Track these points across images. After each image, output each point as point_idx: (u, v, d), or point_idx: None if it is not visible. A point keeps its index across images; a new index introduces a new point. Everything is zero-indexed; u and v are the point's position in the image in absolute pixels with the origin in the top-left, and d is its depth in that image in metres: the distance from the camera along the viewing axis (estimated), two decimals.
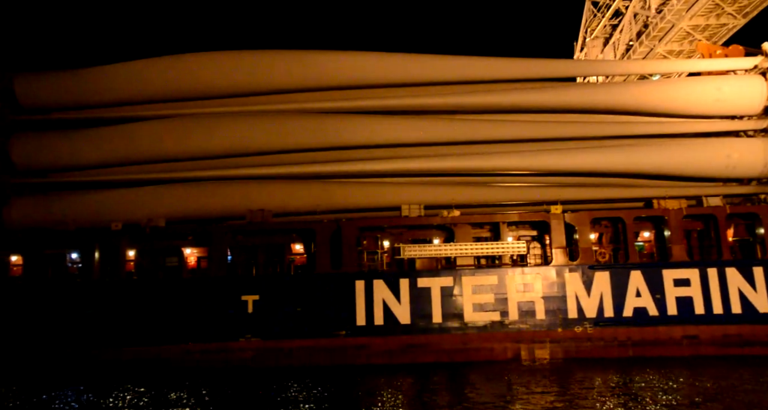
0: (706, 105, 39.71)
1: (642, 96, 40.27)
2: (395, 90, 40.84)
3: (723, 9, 48.98)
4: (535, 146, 40.20)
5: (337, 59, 40.14)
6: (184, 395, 29.05)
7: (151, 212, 37.76)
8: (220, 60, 40.26)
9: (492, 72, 41.01)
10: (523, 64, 41.39)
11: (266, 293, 35.31)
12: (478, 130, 39.53)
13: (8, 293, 35.92)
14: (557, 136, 40.40)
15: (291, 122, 38.88)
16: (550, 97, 40.57)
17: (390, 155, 38.72)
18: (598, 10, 66.50)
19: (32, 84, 41.37)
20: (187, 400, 28.21)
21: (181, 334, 34.94)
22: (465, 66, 40.79)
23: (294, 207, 38.08)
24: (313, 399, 27.57)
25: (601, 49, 66.91)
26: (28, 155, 40.72)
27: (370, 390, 29.70)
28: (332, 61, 39.96)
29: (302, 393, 28.73)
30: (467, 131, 39.59)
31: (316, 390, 29.18)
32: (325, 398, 27.88)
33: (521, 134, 40.19)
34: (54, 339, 34.68)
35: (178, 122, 39.69)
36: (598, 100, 40.64)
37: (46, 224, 38.63)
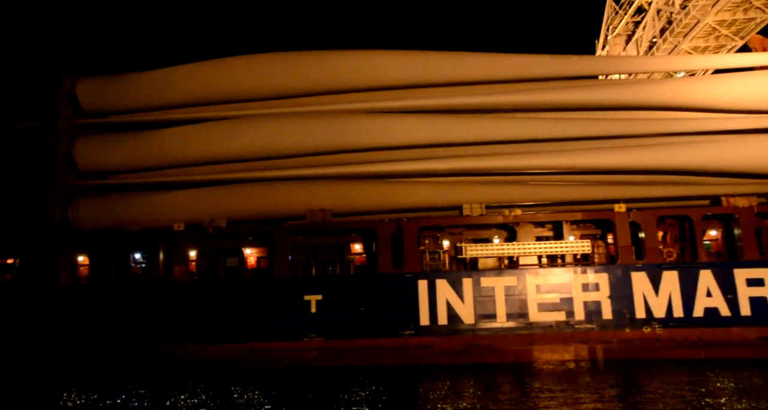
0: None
1: (697, 92, 39.36)
2: (444, 89, 40.70)
3: (751, 3, 47.06)
4: (591, 144, 39.61)
5: (387, 58, 40.12)
6: (248, 395, 29.13)
7: (211, 213, 38.15)
8: (282, 60, 40.50)
9: (531, 70, 40.60)
10: (568, 61, 40.99)
11: (329, 293, 35.37)
12: (535, 128, 39.03)
13: (76, 292, 36.59)
14: (614, 133, 39.64)
15: (349, 122, 38.86)
16: (607, 94, 39.95)
17: (450, 154, 38.47)
18: (620, 7, 64.65)
19: (94, 88, 42.25)
20: (251, 400, 28.26)
21: (244, 333, 35.17)
22: (501, 64, 40.41)
23: (354, 207, 38.12)
24: (378, 399, 27.27)
25: (624, 46, 65.29)
26: (91, 157, 41.57)
27: (436, 391, 29.16)
28: (384, 61, 39.98)
29: (366, 393, 28.48)
30: (524, 130, 39.12)
31: (381, 390, 28.97)
32: (391, 399, 27.63)
33: (578, 132, 39.56)
34: (116, 337, 35.23)
35: (237, 123, 40.00)
36: (652, 96, 39.78)
37: (108, 225, 39.41)
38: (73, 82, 42.21)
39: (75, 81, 42.23)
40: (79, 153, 41.35)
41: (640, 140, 38.68)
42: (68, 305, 35.90)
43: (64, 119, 41.85)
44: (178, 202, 39.28)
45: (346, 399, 27.46)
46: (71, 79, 42.28)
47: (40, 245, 38.15)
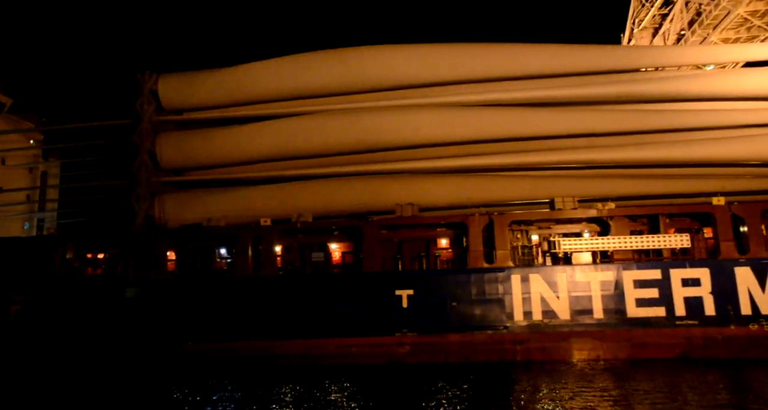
0: None
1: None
2: (534, 82, 40.03)
3: None
4: (685, 136, 38.56)
5: (478, 52, 39.61)
6: (345, 392, 28.96)
7: (296, 208, 38.22)
8: (363, 55, 40.30)
9: (587, 62, 39.86)
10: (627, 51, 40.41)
11: (421, 288, 35.08)
12: (625, 120, 38.11)
13: (167, 287, 36.94)
14: (706, 125, 38.53)
15: (436, 115, 38.49)
16: (688, 86, 38.90)
17: (542, 147, 37.78)
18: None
19: (174, 85, 42.66)
20: (350, 398, 27.94)
21: (332, 329, 35.10)
22: (561, 54, 39.75)
23: (442, 201, 37.75)
24: (473, 398, 26.47)
25: (650, 40, 63.01)
26: (173, 154, 42.04)
27: (534, 390, 28.11)
28: (474, 55, 39.47)
29: (458, 390, 27.86)
30: (613, 122, 38.26)
31: (478, 387, 28.41)
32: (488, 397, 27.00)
33: (669, 124, 38.61)
34: (207, 331, 35.45)
35: (321, 118, 39.95)
36: (729, 87, 38.57)
37: (191, 221, 39.77)
38: (155, 79, 42.74)
39: (156, 78, 42.77)
40: (161, 150, 41.86)
41: (736, 131, 37.45)
42: (159, 300, 36.29)
43: (147, 116, 42.41)
44: (263, 197, 39.49)
45: (445, 396, 27.05)
46: (153, 76, 42.80)
47: (131, 241, 38.70)
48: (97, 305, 36.40)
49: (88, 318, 36.02)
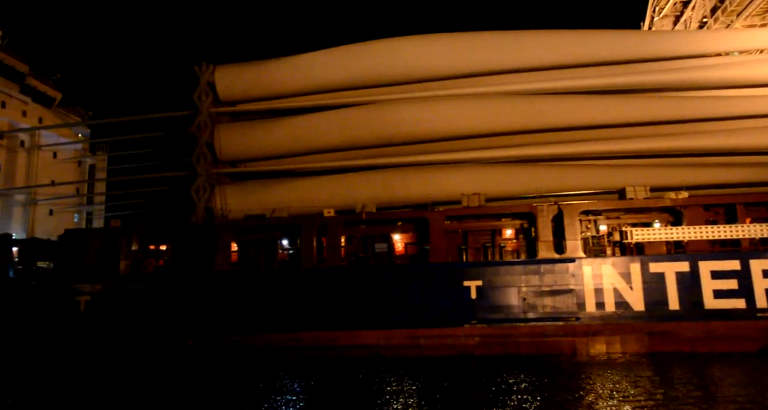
0: None
1: None
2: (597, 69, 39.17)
3: None
4: (756, 123, 37.33)
5: (539, 39, 38.82)
6: (418, 384, 28.66)
7: (359, 199, 37.95)
8: (418, 44, 39.76)
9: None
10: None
11: (489, 279, 34.60)
12: (699, 107, 37.00)
13: (233, 279, 36.98)
14: None
15: (500, 104, 37.87)
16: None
17: (611, 135, 36.91)
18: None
19: (231, 75, 42.60)
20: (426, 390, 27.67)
21: (400, 320, 34.78)
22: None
23: (509, 191, 37.15)
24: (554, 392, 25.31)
25: (671, 28, 61.28)
26: (230, 145, 42.02)
27: (614, 385, 26.64)
28: (536, 41, 38.68)
29: (536, 384, 26.96)
30: (684, 109, 37.20)
31: (553, 380, 27.66)
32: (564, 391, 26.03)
33: (740, 111, 37.41)
34: (274, 322, 35.39)
35: (383, 108, 39.51)
36: None
37: (251, 212, 39.76)
38: (211, 70, 42.72)
39: (213, 70, 42.74)
40: (219, 141, 41.87)
41: None
42: (224, 292, 36.32)
43: (205, 108, 42.44)
44: (326, 188, 39.29)
45: (524, 389, 26.42)
46: (210, 68, 42.78)
47: (195, 232, 38.82)
48: (161, 296, 36.69)
49: (153, 309, 36.31)
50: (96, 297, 36.97)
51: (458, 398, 25.19)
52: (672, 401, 23.08)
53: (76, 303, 37.09)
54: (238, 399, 25.35)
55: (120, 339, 35.95)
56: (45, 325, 36.59)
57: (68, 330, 36.43)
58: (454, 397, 25.27)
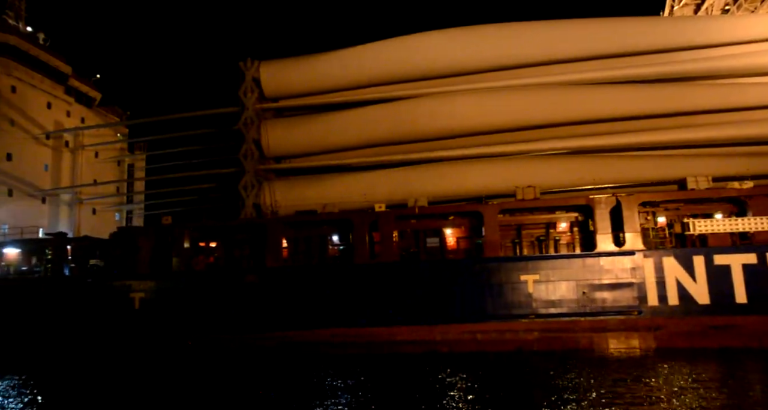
0: None
1: None
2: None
3: None
4: None
5: (587, 27, 38.08)
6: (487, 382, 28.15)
7: (410, 193, 37.53)
8: (467, 35, 39.25)
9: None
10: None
11: (547, 272, 34.00)
12: (762, 93, 35.88)
13: (285, 274, 36.87)
14: None
15: (551, 95, 37.20)
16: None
17: (668, 125, 36.02)
18: None
19: (276, 71, 42.54)
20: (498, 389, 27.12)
21: (455, 315, 34.38)
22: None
23: (564, 183, 36.48)
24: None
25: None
26: (277, 141, 41.97)
27: (677, 382, 25.42)
28: (582, 30, 37.95)
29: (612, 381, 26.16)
30: (746, 96, 36.12)
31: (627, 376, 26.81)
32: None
33: None
34: (325, 318, 35.21)
35: (432, 100, 39.08)
36: None
37: (299, 208, 39.68)
38: (256, 67, 42.69)
39: (258, 66, 42.71)
40: (266, 137, 41.85)
41: None
42: (277, 288, 36.26)
43: (251, 104, 42.45)
44: (377, 182, 38.99)
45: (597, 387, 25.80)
46: (255, 64, 42.77)
47: (246, 228, 38.85)
48: (214, 292, 36.73)
49: (206, 305, 36.36)
50: (150, 294, 37.22)
51: (520, 396, 24.55)
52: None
53: (130, 300, 37.40)
54: (303, 396, 25.22)
55: (174, 335, 36.14)
56: (101, 322, 36.94)
57: (123, 326, 36.74)
58: (515, 395, 24.68)
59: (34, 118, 49.92)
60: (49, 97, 51.88)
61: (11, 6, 52.86)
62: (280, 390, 26.77)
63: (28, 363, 34.76)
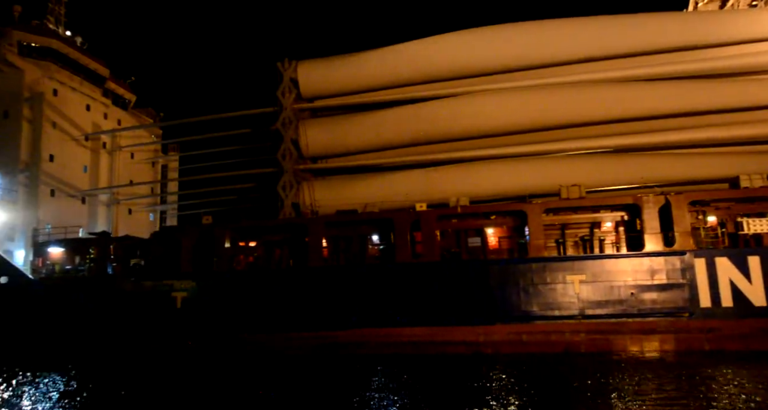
0: None
1: None
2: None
3: None
4: None
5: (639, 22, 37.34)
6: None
7: (451, 192, 37.18)
8: (504, 33, 38.77)
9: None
10: None
11: (594, 273, 33.34)
12: None
13: (323, 275, 36.79)
14: None
15: (595, 92, 36.53)
16: None
17: (716, 122, 35.12)
18: None
19: (313, 71, 42.55)
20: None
21: (499, 315, 33.91)
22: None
23: (609, 182, 35.78)
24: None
25: None
26: (317, 140, 41.97)
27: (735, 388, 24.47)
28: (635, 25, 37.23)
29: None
30: None
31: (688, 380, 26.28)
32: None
33: None
34: (367, 319, 35.04)
35: (472, 99, 38.69)
36: None
37: (342, 208, 39.51)
38: (294, 67, 42.76)
39: (296, 66, 42.78)
40: (305, 137, 41.88)
41: None
42: (318, 288, 36.13)
43: (289, 104, 42.52)
44: (417, 182, 38.74)
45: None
46: (293, 64, 42.84)
47: (287, 228, 38.87)
48: (257, 292, 36.72)
49: (249, 305, 36.42)
50: (192, 294, 37.42)
51: (567, 399, 23.82)
52: None
53: (172, 299, 37.66)
54: (348, 397, 25.01)
55: (215, 335, 36.29)
56: (144, 321, 37.26)
57: (166, 325, 37.01)
58: (562, 398, 23.93)
59: (74, 120, 50.69)
60: (87, 99, 52.67)
61: (51, 11, 53.85)
62: (323, 391, 26.62)
63: (75, 360, 35.17)
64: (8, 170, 44.91)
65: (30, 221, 44.59)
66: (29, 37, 47.83)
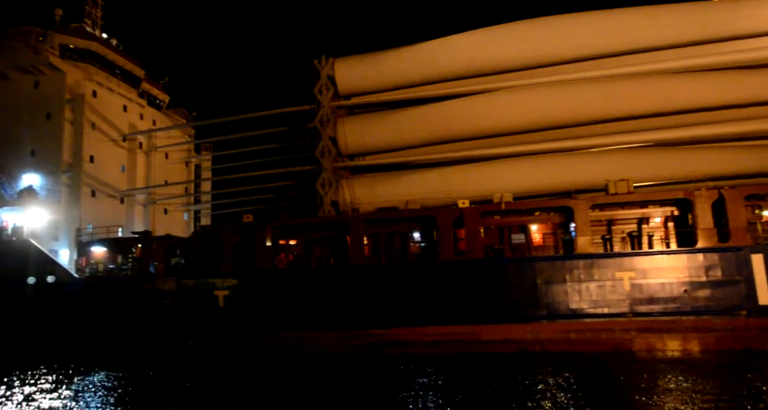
0: None
1: None
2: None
3: None
4: None
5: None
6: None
7: (492, 188, 36.65)
8: (545, 26, 38.05)
9: None
10: None
11: (643, 270, 32.54)
12: None
13: (364, 273, 36.57)
14: None
15: (642, 84, 35.61)
16: None
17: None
18: None
19: (351, 67, 42.37)
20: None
21: (545, 313, 33.32)
22: None
23: (659, 176, 34.90)
24: None
25: None
26: (355, 137, 41.79)
27: None
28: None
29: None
30: None
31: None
32: None
33: None
34: (408, 317, 34.74)
35: (508, 94, 38.13)
36: None
37: (382, 205, 39.30)
38: (331, 64, 42.62)
39: (333, 63, 42.63)
40: (343, 134, 41.73)
41: None
42: (360, 286, 35.91)
43: (327, 101, 42.41)
44: (458, 178, 38.32)
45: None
46: (330, 61, 42.70)
47: (327, 226, 38.76)
48: (300, 291, 36.63)
49: (289, 304, 36.37)
50: (234, 292, 37.51)
51: (620, 399, 22.98)
52: None
53: (214, 298, 37.80)
54: (394, 396, 24.69)
55: (257, 333, 36.27)
56: (187, 319, 37.49)
57: (208, 324, 37.17)
58: (614, 398, 23.02)
59: (112, 121, 51.34)
60: (124, 100, 53.32)
61: (88, 14, 54.59)
62: (366, 392, 26.35)
63: (123, 358, 35.52)
64: (51, 170, 45.68)
65: (73, 221, 45.26)
66: (70, 39, 48.56)
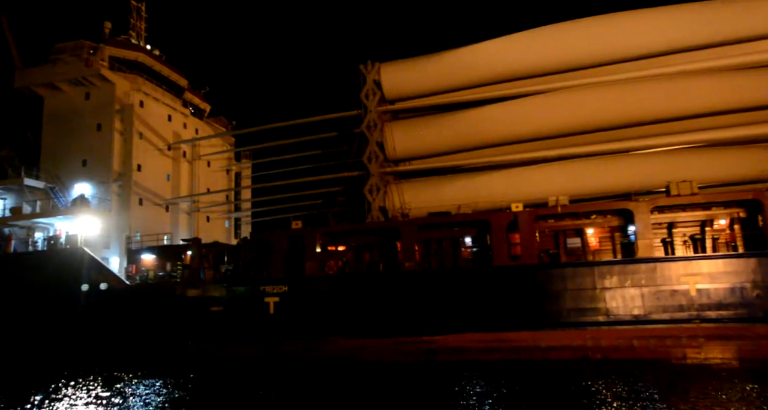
0: None
1: None
2: None
3: None
4: None
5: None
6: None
7: (546, 191, 35.88)
8: (591, 26, 37.26)
9: None
10: None
11: (710, 274, 31.29)
12: None
13: (418, 279, 36.08)
14: None
15: (699, 82, 34.53)
16: None
17: None
18: None
19: (397, 72, 42.18)
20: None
21: (610, 319, 32.25)
22: None
23: (724, 177, 33.65)
24: None
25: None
26: (403, 142, 41.52)
27: None
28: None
29: None
30: None
31: None
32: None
33: None
34: (463, 323, 34.06)
35: (556, 97, 37.40)
36: None
37: (432, 210, 38.87)
38: (377, 69, 42.51)
39: (379, 68, 42.52)
40: (390, 140, 41.49)
41: None
42: (413, 292, 35.42)
43: (373, 106, 42.27)
44: (510, 182, 37.62)
45: None
46: (376, 65, 42.60)
47: (378, 232, 38.42)
48: (348, 297, 36.33)
49: (341, 310, 36.08)
50: (285, 299, 37.42)
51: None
52: None
53: (265, 305, 37.77)
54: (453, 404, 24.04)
55: (308, 340, 36.05)
56: (238, 326, 37.53)
57: (259, 330, 37.13)
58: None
59: (158, 130, 52.14)
60: (169, 110, 54.12)
61: (133, 26, 55.72)
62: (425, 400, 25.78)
63: (174, 365, 35.69)
64: (102, 180, 46.53)
65: (123, 229, 45.95)
66: (120, 51, 49.62)
